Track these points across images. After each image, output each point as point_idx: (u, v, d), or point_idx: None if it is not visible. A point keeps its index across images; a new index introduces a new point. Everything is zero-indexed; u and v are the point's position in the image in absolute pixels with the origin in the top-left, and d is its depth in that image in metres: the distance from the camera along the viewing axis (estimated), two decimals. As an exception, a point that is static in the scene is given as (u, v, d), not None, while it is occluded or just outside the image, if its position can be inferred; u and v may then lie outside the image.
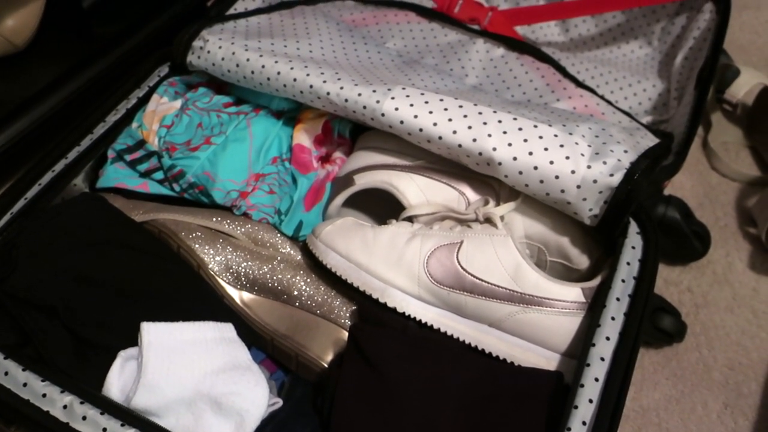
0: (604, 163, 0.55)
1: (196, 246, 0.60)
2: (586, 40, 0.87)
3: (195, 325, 0.52)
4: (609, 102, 0.73)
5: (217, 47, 0.66)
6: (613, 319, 0.52)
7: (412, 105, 0.59)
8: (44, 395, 0.48)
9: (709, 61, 0.73)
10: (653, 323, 0.66)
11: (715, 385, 0.67)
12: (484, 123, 0.57)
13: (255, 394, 0.50)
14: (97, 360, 0.51)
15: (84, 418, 0.47)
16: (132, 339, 0.51)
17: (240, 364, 0.52)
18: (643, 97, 0.82)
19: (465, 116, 0.58)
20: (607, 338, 0.50)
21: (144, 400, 0.48)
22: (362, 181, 0.62)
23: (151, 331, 0.50)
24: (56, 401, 0.48)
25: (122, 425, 0.47)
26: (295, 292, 0.60)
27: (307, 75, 0.62)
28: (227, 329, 0.54)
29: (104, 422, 0.47)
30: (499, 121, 0.57)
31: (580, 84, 0.75)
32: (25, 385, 0.48)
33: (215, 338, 0.52)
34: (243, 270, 0.60)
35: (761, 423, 0.64)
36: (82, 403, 0.48)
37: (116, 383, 0.49)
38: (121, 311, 0.54)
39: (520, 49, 0.78)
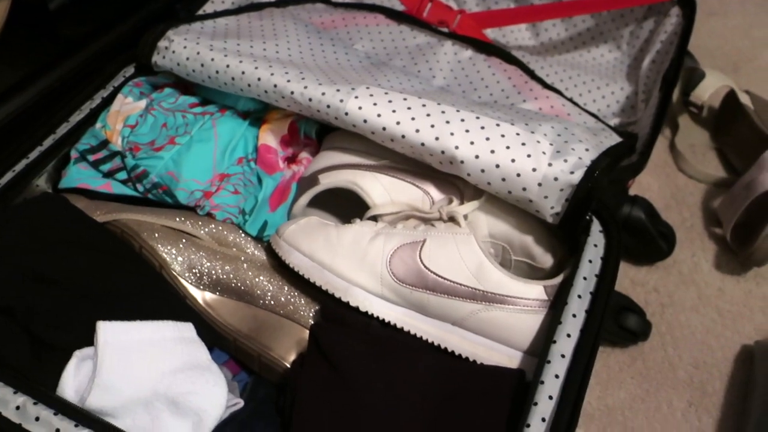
0: (565, 161, 0.55)
1: (158, 246, 0.59)
2: (556, 44, 0.87)
3: (153, 324, 0.52)
4: (575, 103, 0.73)
5: (182, 47, 0.66)
6: (574, 316, 0.52)
7: (375, 104, 0.59)
8: (-3, 396, 0.47)
9: (674, 63, 0.73)
10: (618, 323, 0.66)
11: (679, 384, 0.67)
12: (447, 122, 0.57)
13: (213, 393, 0.50)
14: (54, 361, 0.50)
15: (37, 419, 0.46)
16: (90, 339, 0.51)
17: (199, 363, 0.51)
18: (611, 100, 0.83)
19: (428, 115, 0.58)
20: (568, 335, 0.50)
21: (99, 400, 0.47)
22: (327, 181, 0.62)
23: (107, 330, 0.50)
24: (9, 402, 0.47)
25: (76, 426, 0.45)
26: (259, 293, 0.59)
27: (272, 74, 0.62)
28: (186, 329, 0.53)
29: (57, 423, 0.46)
30: (462, 120, 0.57)
31: (547, 85, 0.75)
32: (-23, 386, 0.48)
33: (174, 338, 0.52)
34: (206, 270, 0.59)
35: (725, 421, 0.64)
36: (35, 403, 0.46)
37: (71, 383, 0.48)
38: (80, 312, 0.53)
39: (488, 51, 0.79)
